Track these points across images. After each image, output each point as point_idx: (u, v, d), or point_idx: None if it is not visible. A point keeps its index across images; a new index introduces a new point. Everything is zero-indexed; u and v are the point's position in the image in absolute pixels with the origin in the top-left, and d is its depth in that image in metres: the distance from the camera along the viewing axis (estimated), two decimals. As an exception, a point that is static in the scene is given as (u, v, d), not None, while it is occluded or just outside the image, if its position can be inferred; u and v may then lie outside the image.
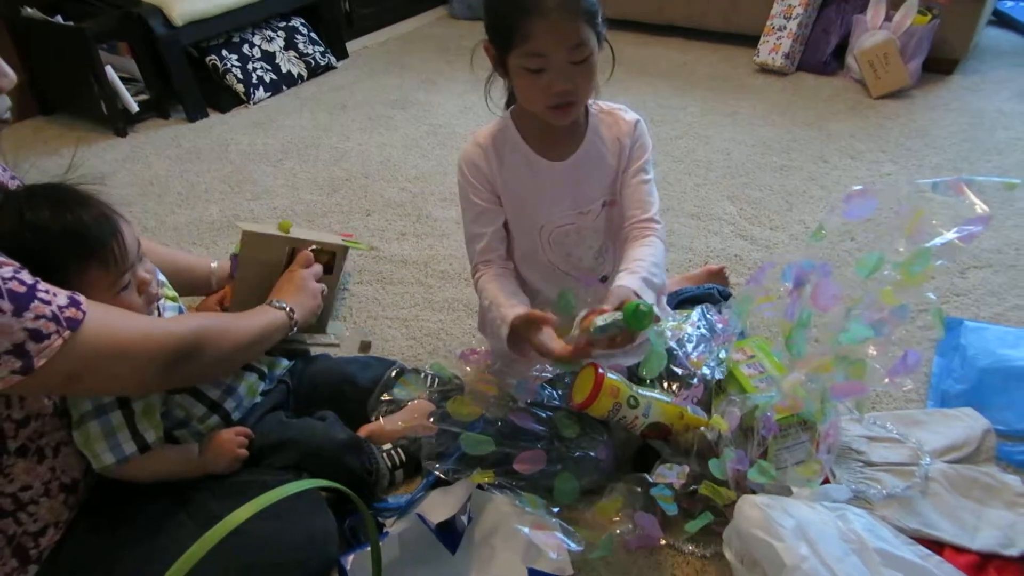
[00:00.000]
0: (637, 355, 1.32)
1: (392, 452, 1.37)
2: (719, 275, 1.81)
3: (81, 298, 0.95)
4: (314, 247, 1.40)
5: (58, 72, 2.94)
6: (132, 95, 2.93)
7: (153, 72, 2.99)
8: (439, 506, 1.24)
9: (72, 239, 1.01)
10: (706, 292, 1.66)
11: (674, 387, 1.34)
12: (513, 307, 1.26)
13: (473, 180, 1.33)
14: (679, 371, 1.36)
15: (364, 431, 1.37)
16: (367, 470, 1.30)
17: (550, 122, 1.24)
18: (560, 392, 1.37)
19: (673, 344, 1.37)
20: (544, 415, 1.32)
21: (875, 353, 1.11)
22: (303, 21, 3.44)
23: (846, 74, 3.08)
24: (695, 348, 1.36)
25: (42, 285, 0.92)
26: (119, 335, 0.98)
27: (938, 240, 1.07)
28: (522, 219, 1.36)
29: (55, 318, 0.90)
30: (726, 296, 1.65)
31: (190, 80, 3.01)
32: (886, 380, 1.11)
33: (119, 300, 1.07)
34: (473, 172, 1.33)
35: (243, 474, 1.16)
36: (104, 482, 1.11)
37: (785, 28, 3.11)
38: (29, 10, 2.84)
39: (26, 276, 0.91)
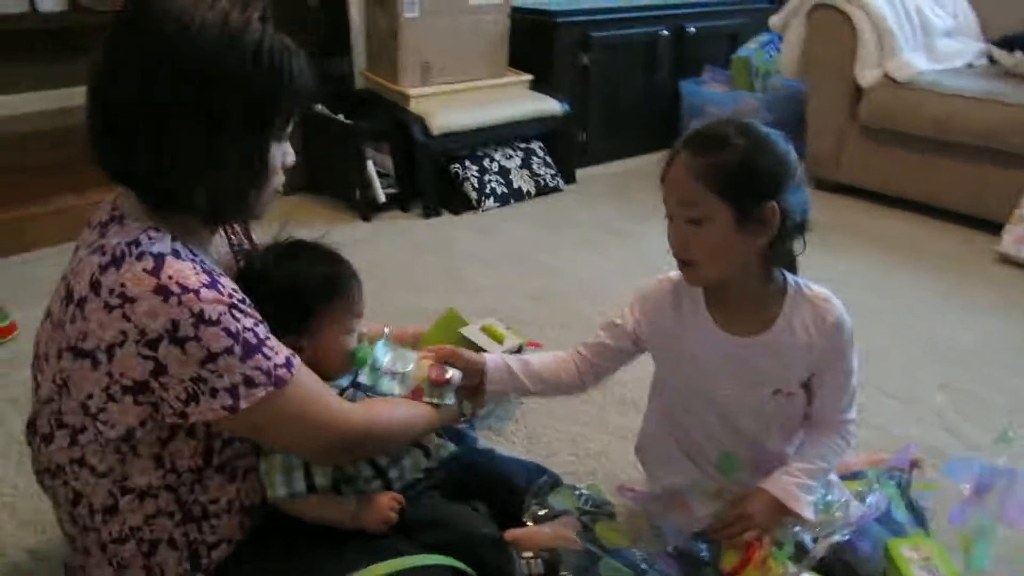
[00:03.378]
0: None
1: (531, 561, 1.38)
2: (913, 464, 1.66)
3: (296, 361, 1.08)
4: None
5: (329, 158, 3.41)
6: (382, 187, 3.32)
7: (405, 171, 3.38)
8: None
9: (328, 281, 1.28)
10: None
11: None
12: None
13: (636, 311, 1.32)
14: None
15: (510, 534, 1.39)
16: (504, 571, 1.31)
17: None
18: (710, 548, 1.31)
19: (807, 538, 1.27)
20: (691, 566, 1.28)
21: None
22: (541, 144, 3.73)
23: (1106, 278, 2.78)
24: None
25: (271, 342, 1.06)
26: (308, 406, 1.10)
27: None
28: (681, 376, 1.33)
29: (268, 373, 1.03)
30: (905, 488, 1.50)
31: (433, 182, 3.37)
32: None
33: (346, 342, 1.27)
34: (642, 306, 1.32)
35: (389, 538, 1.23)
36: (275, 514, 1.23)
37: (1036, 220, 2.89)
38: (319, 107, 3.37)
39: (261, 331, 1.05)
